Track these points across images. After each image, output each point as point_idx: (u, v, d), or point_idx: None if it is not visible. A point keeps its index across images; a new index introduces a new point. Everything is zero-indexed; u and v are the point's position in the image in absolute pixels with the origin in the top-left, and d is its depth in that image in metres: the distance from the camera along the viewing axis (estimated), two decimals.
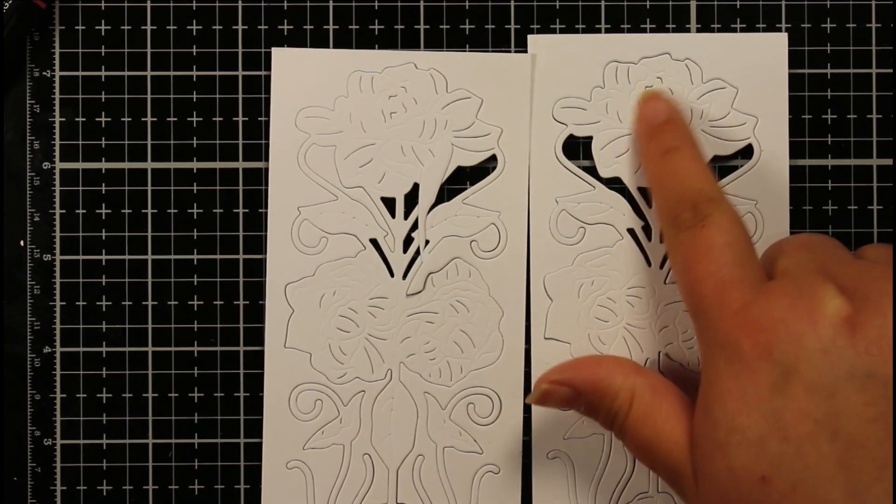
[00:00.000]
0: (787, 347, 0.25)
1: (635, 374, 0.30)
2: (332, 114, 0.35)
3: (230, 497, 0.36)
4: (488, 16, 0.36)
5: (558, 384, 0.30)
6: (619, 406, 0.29)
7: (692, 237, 0.28)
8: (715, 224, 0.28)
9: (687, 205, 0.29)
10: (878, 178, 0.36)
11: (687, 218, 0.29)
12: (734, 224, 0.28)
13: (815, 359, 0.24)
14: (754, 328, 0.26)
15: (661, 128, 0.32)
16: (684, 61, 0.35)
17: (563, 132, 0.35)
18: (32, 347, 0.36)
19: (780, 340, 0.25)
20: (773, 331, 0.25)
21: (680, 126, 0.32)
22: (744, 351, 0.26)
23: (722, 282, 0.27)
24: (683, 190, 0.30)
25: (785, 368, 0.25)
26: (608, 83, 0.35)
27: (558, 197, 0.35)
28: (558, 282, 0.35)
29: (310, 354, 0.35)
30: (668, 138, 0.32)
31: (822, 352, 0.24)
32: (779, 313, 0.25)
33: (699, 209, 0.29)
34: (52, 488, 0.36)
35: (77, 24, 0.36)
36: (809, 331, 0.25)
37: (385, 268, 0.35)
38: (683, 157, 0.31)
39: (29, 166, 0.36)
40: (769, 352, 0.25)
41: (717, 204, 0.29)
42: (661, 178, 0.31)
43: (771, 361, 0.25)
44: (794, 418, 0.24)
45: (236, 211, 0.36)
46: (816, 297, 0.25)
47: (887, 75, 0.36)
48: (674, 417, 0.28)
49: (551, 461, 0.35)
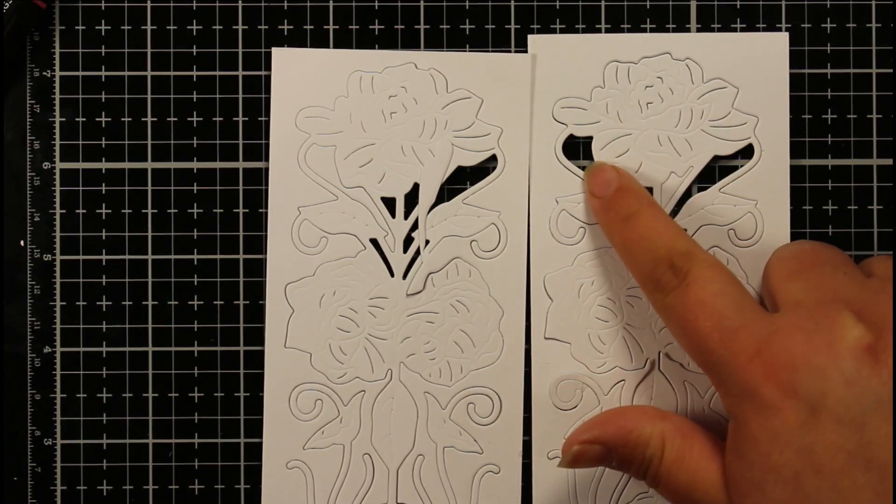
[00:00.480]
0: (812, 383, 0.25)
1: (662, 420, 0.30)
2: (332, 114, 0.35)
3: (230, 497, 0.36)
4: (488, 16, 0.36)
5: (589, 443, 0.30)
6: (652, 454, 0.29)
7: (679, 298, 0.28)
8: (698, 278, 0.28)
9: (663, 266, 0.29)
10: (878, 178, 0.36)
11: (668, 280, 0.29)
12: (716, 271, 0.28)
13: (840, 392, 0.25)
14: (774, 369, 0.26)
15: (614, 197, 0.32)
16: (685, 61, 0.35)
17: (563, 132, 0.35)
18: (32, 347, 0.36)
19: (804, 377, 0.25)
20: (795, 368, 0.25)
21: (634, 189, 0.32)
22: (768, 394, 0.25)
23: (726, 332, 0.27)
24: (655, 252, 0.30)
25: (812, 404, 0.25)
26: (608, 83, 0.35)
27: (558, 197, 0.35)
28: (558, 282, 0.35)
29: (310, 354, 0.35)
30: (623, 205, 0.32)
31: (847, 384, 0.24)
32: (797, 349, 0.25)
33: (677, 268, 0.29)
34: (52, 488, 0.36)
35: (77, 24, 0.36)
36: (831, 364, 0.25)
37: (385, 268, 0.35)
38: (645, 218, 0.31)
39: (29, 166, 0.36)
40: (794, 389, 0.25)
41: (692, 256, 0.29)
42: (629, 245, 0.31)
43: (797, 399, 0.25)
44: (827, 452, 0.24)
45: (236, 211, 0.36)
46: (834, 329, 0.25)
47: (887, 75, 0.36)
48: (706, 458, 0.28)
49: (551, 461, 0.35)
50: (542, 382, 0.35)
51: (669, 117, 0.35)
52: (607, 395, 0.35)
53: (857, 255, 0.36)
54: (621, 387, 0.35)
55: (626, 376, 0.35)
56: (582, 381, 0.35)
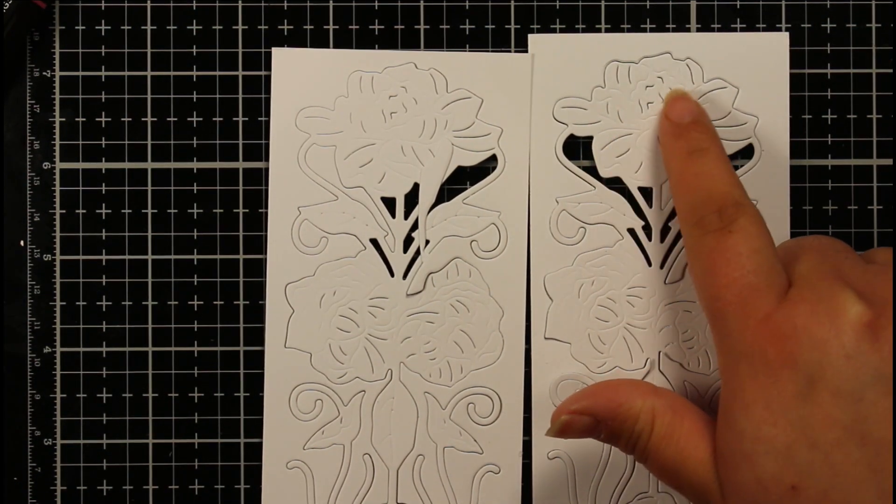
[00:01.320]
0: (812, 355, 0.25)
1: (653, 396, 0.29)
2: (332, 114, 0.35)
3: (230, 497, 0.36)
4: (488, 16, 0.36)
5: (577, 413, 0.30)
6: (641, 428, 0.29)
7: (717, 241, 0.28)
8: (742, 229, 0.28)
9: (712, 207, 0.29)
10: (878, 178, 0.36)
11: (712, 220, 0.29)
12: (761, 230, 0.28)
13: (839, 365, 0.24)
14: (778, 337, 0.25)
15: (687, 127, 0.32)
16: (685, 61, 0.35)
17: (563, 132, 0.35)
18: (32, 347, 0.36)
19: (804, 348, 0.25)
20: (796, 339, 0.25)
21: (707, 127, 0.32)
22: (768, 359, 0.25)
23: (747, 289, 0.27)
24: (709, 192, 0.30)
25: (810, 376, 0.25)
26: (609, 83, 0.35)
27: (559, 197, 0.35)
28: (558, 282, 0.35)
29: (310, 354, 0.35)
30: (694, 138, 0.32)
31: (846, 357, 0.24)
32: (800, 321, 0.25)
33: (725, 213, 0.28)
34: (52, 488, 0.36)
35: (77, 24, 0.36)
36: (832, 337, 0.25)
37: (385, 268, 0.35)
38: (710, 158, 0.31)
39: (29, 166, 0.36)
40: (794, 360, 0.25)
41: (744, 209, 0.29)
42: (686, 178, 0.31)
43: (795, 369, 0.25)
44: (822, 425, 0.24)
45: (236, 211, 0.36)
46: (836, 303, 0.25)
47: (887, 75, 0.36)
48: (696, 435, 0.28)
49: (551, 461, 0.35)
50: (542, 382, 0.35)
51: None
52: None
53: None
54: None
55: (626, 376, 0.35)
56: (582, 381, 0.35)
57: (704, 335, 0.35)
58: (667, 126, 0.33)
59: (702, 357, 0.35)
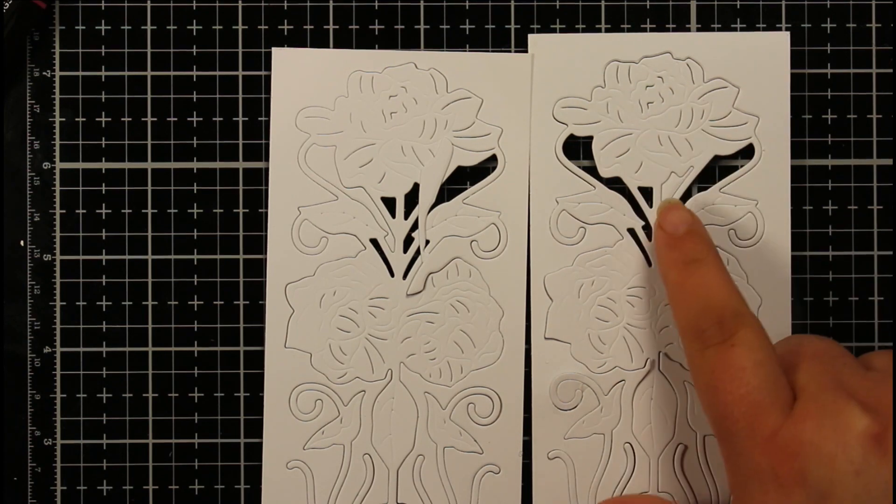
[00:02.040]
0: (821, 472, 0.25)
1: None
2: (332, 114, 0.35)
3: (230, 497, 0.36)
4: (488, 16, 0.36)
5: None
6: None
7: (719, 355, 0.28)
8: (743, 342, 0.28)
9: (712, 319, 0.28)
10: (878, 178, 0.36)
11: (713, 333, 0.28)
12: (763, 342, 0.28)
13: (848, 481, 0.25)
14: (787, 454, 0.25)
15: (682, 238, 0.31)
16: (685, 60, 0.35)
17: (563, 132, 0.35)
18: (32, 347, 0.36)
19: (813, 465, 0.25)
20: (805, 456, 0.25)
21: (703, 238, 0.32)
22: (779, 478, 0.25)
23: (753, 407, 0.27)
24: (708, 303, 0.29)
25: (820, 493, 0.25)
26: (609, 83, 0.35)
27: (558, 197, 0.35)
28: (558, 282, 0.35)
29: (310, 354, 0.35)
30: (690, 249, 0.31)
31: (856, 474, 0.25)
32: (807, 436, 0.25)
33: (725, 325, 0.28)
34: (52, 488, 0.36)
35: (77, 24, 0.36)
36: (840, 453, 0.25)
37: (385, 268, 0.35)
38: (707, 269, 0.30)
39: (29, 166, 0.36)
40: (804, 477, 0.25)
41: (744, 320, 0.28)
42: (684, 289, 0.30)
43: (806, 487, 0.25)
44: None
45: (236, 211, 0.36)
46: (842, 418, 0.25)
47: (887, 75, 0.36)
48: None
49: (551, 461, 0.35)
50: (542, 382, 0.35)
51: (670, 117, 0.35)
52: (607, 395, 0.35)
53: (856, 255, 0.36)
54: (621, 387, 0.35)
55: (626, 376, 0.35)
56: (582, 381, 0.35)
57: None
58: (661, 237, 0.32)
59: None
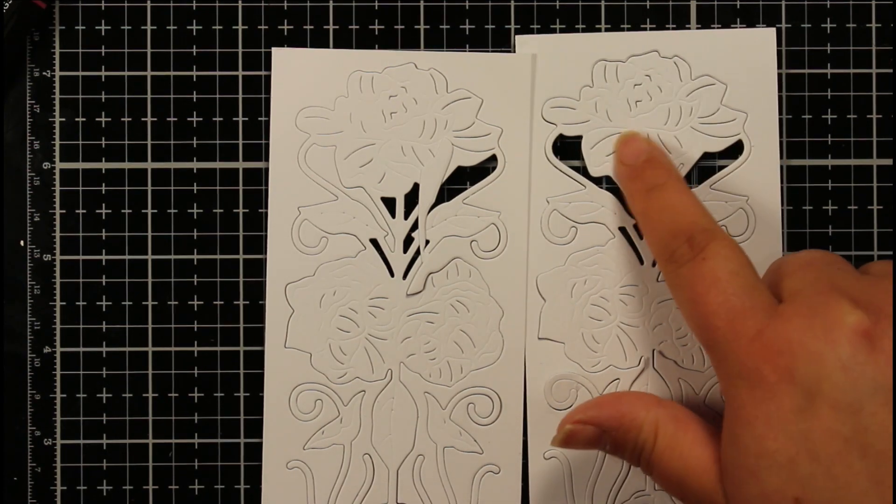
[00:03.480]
0: (808, 368, 0.25)
1: (657, 407, 0.30)
2: (332, 114, 0.35)
3: (230, 497, 0.36)
4: (488, 16, 0.36)
5: (582, 423, 0.30)
6: (645, 439, 0.29)
7: (693, 271, 0.28)
8: (715, 254, 0.28)
9: (681, 239, 0.29)
10: (878, 178, 0.36)
11: (684, 252, 0.29)
12: (735, 252, 0.28)
13: (836, 377, 0.24)
14: (773, 353, 0.26)
15: (643, 167, 0.32)
16: (672, 58, 0.35)
17: (552, 132, 0.35)
18: (32, 347, 0.36)
19: (801, 362, 0.25)
20: (792, 353, 0.25)
21: (662, 163, 0.32)
22: (765, 377, 0.25)
23: (733, 311, 0.27)
24: (675, 224, 0.30)
25: (808, 389, 0.25)
26: (597, 82, 0.35)
27: (549, 197, 0.35)
28: (551, 282, 0.35)
29: (310, 354, 0.35)
30: (651, 175, 0.32)
31: (843, 369, 0.24)
32: (795, 335, 0.25)
33: (695, 241, 0.29)
34: (52, 488, 0.36)
35: (77, 24, 0.36)
36: (828, 350, 0.25)
37: (385, 268, 0.35)
38: (670, 191, 0.31)
39: (29, 166, 0.36)
40: (791, 375, 0.25)
41: (713, 234, 0.29)
42: (650, 215, 0.31)
43: (793, 384, 0.25)
44: (823, 438, 0.24)
45: (236, 211, 0.36)
46: (831, 314, 0.25)
47: (887, 75, 0.36)
48: (699, 446, 0.28)
49: (548, 461, 0.35)
50: (537, 383, 0.35)
51: (658, 115, 0.35)
52: (602, 394, 0.35)
53: (856, 256, 0.36)
54: (616, 385, 0.35)
55: (621, 375, 0.35)
56: (576, 381, 0.35)
57: None
58: (622, 170, 0.33)
59: (696, 354, 0.35)
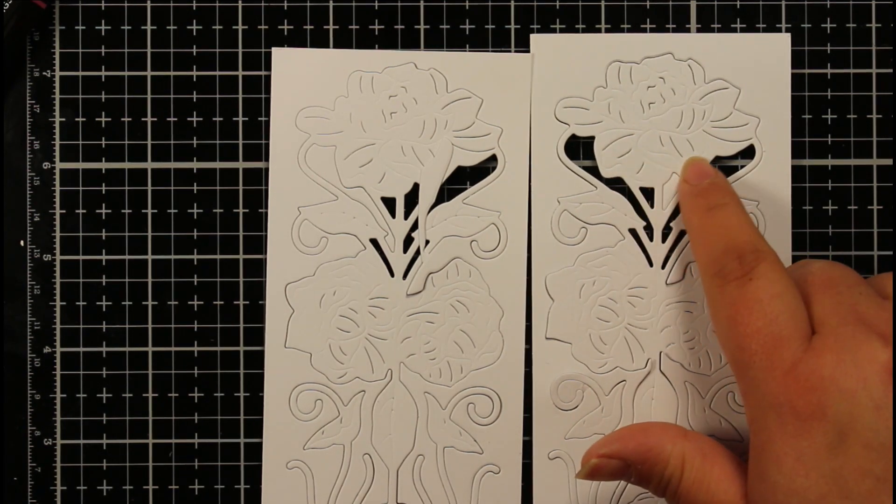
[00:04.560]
0: (841, 406, 0.25)
1: (683, 440, 0.30)
2: (332, 114, 0.35)
3: (230, 497, 0.36)
4: (488, 16, 0.36)
5: (608, 457, 0.30)
6: (671, 473, 0.29)
7: (739, 289, 0.28)
8: (763, 276, 0.28)
9: (733, 255, 0.29)
10: (878, 178, 0.36)
11: (733, 269, 0.29)
12: (782, 276, 0.28)
13: (868, 416, 0.24)
14: (806, 388, 0.25)
15: (707, 187, 0.33)
16: (687, 61, 0.35)
17: (565, 132, 0.35)
18: (32, 347, 0.36)
19: (832, 399, 0.25)
20: (824, 390, 0.25)
21: (725, 186, 0.33)
22: (797, 412, 0.25)
23: (771, 338, 0.27)
24: (729, 242, 0.30)
25: (840, 427, 0.25)
26: (611, 83, 0.35)
27: (560, 197, 0.35)
28: (560, 282, 0.35)
29: (310, 354, 0.35)
30: (714, 195, 0.32)
31: (876, 409, 0.24)
32: (827, 371, 0.25)
33: (745, 260, 0.28)
34: (52, 488, 0.36)
35: (77, 24, 0.36)
36: (860, 388, 0.25)
37: (385, 268, 0.35)
38: (730, 211, 0.31)
39: (29, 166, 0.36)
40: (823, 411, 0.25)
41: (764, 255, 0.29)
42: (707, 230, 0.31)
43: (825, 421, 0.25)
44: (854, 476, 0.24)
45: (236, 211, 0.36)
46: (862, 352, 0.25)
47: (887, 75, 0.36)
48: (726, 480, 0.28)
49: (552, 461, 0.35)
50: (543, 382, 0.35)
51: (671, 117, 0.35)
52: (608, 395, 0.35)
53: (856, 256, 0.36)
54: (622, 387, 0.35)
55: (627, 376, 0.35)
56: (583, 382, 0.35)
57: (706, 336, 0.35)
58: (685, 188, 0.34)
59: (703, 358, 0.35)
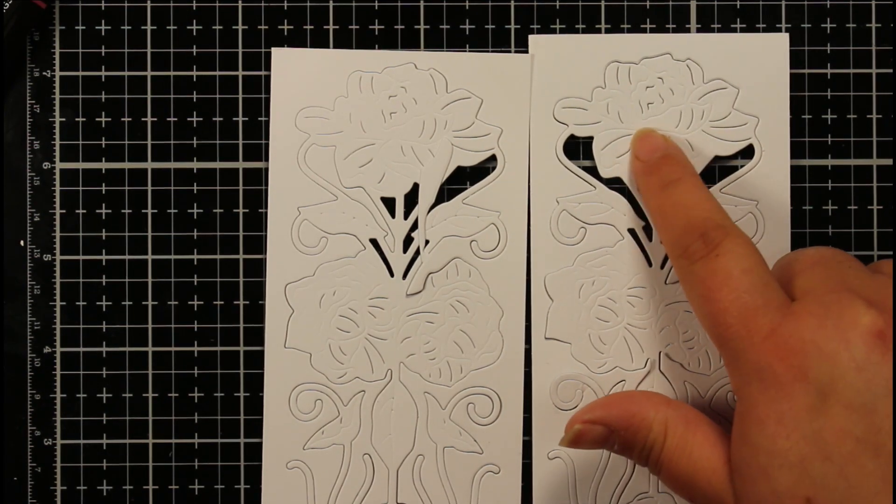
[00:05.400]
0: (822, 368, 0.25)
1: (666, 407, 0.30)
2: (332, 114, 0.35)
3: (230, 497, 0.36)
4: (488, 16, 0.36)
5: (591, 423, 0.30)
6: (654, 439, 0.29)
7: (707, 267, 0.28)
8: (729, 251, 0.28)
9: (695, 235, 0.29)
10: (878, 178, 0.36)
11: (698, 248, 0.29)
12: (748, 249, 0.28)
13: (850, 377, 0.24)
14: (786, 351, 0.25)
15: (658, 163, 0.32)
16: (685, 61, 0.35)
17: (564, 132, 0.35)
18: (32, 347, 0.36)
19: (814, 361, 0.25)
20: (806, 352, 0.25)
21: (678, 159, 0.32)
22: (778, 375, 0.25)
23: (746, 308, 0.27)
24: (689, 220, 0.30)
25: (821, 389, 0.25)
26: (609, 83, 0.35)
27: (559, 197, 0.35)
28: (559, 282, 0.35)
29: (310, 354, 0.35)
30: (667, 171, 0.32)
31: (858, 370, 0.24)
32: (808, 334, 0.25)
33: (709, 238, 0.28)
34: (52, 488, 0.36)
35: (77, 24, 0.36)
36: (842, 349, 0.25)
37: (385, 268, 0.35)
38: (685, 187, 0.31)
39: (29, 166, 0.36)
40: (804, 374, 0.25)
41: (727, 230, 0.29)
42: (664, 210, 0.31)
43: (806, 383, 0.25)
44: (835, 438, 0.24)
45: (236, 211, 0.36)
46: (845, 314, 0.25)
47: (887, 75, 0.36)
48: (709, 446, 0.28)
49: (551, 461, 0.35)
50: (543, 383, 0.35)
51: (670, 118, 0.35)
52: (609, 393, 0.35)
53: (856, 256, 0.36)
54: (622, 387, 0.35)
55: (627, 376, 0.35)
56: (582, 382, 0.35)
57: (705, 335, 0.35)
58: (637, 166, 0.33)
59: (702, 357, 0.35)
